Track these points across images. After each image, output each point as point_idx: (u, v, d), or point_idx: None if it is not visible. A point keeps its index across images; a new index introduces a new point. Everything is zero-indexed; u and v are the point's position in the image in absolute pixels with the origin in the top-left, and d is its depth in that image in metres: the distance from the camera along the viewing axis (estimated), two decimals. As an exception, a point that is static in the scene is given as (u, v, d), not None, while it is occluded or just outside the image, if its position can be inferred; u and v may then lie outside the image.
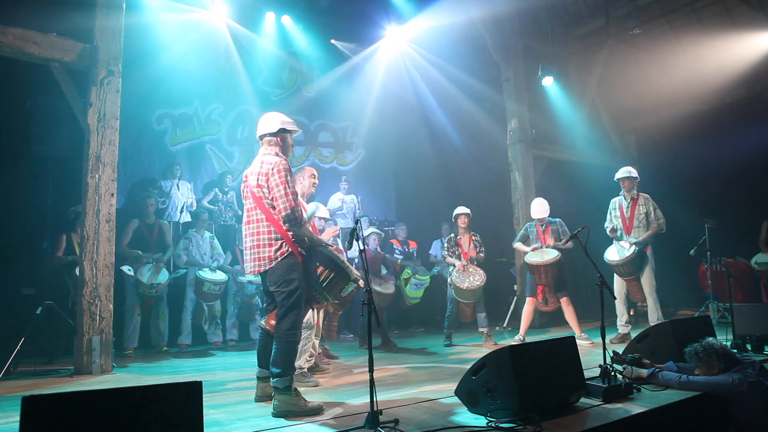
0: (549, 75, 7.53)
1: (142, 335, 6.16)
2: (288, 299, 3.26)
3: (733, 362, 3.38)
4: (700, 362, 3.44)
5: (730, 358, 3.41)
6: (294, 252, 3.29)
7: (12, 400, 3.78)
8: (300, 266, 3.32)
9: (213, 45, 8.08)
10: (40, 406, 1.93)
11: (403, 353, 5.95)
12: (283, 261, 3.26)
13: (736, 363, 3.38)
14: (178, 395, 2.18)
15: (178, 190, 7.44)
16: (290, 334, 3.26)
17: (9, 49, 4.74)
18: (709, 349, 3.41)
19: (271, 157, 3.39)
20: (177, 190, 7.44)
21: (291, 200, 3.24)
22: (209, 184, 8.13)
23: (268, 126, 3.51)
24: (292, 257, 3.28)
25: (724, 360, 3.38)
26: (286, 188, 3.25)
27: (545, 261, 5.83)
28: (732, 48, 7.82)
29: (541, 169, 8.65)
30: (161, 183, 7.48)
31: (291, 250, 3.28)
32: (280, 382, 3.21)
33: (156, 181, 7.58)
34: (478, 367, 3.10)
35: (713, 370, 3.38)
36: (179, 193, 7.45)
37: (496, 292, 7.94)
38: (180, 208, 7.28)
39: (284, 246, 3.28)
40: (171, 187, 7.42)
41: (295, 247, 3.31)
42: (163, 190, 7.38)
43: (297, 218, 3.27)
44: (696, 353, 3.45)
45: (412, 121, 10.15)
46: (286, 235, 3.28)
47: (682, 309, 8.19)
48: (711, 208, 7.90)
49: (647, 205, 6.08)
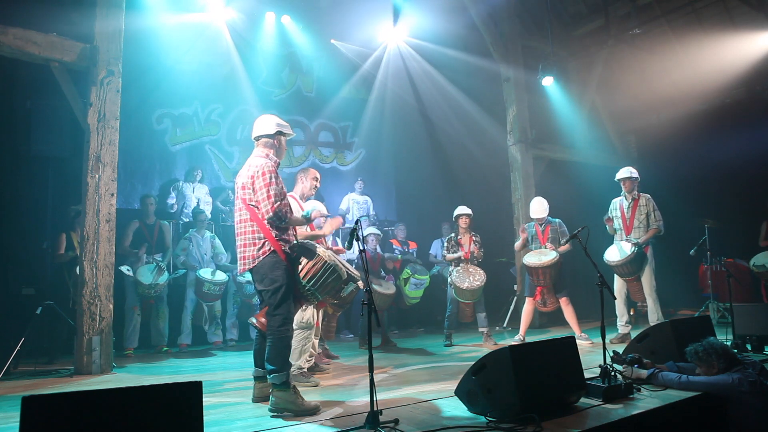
0: (549, 75, 7.52)
1: (142, 335, 6.16)
2: (274, 296, 3.32)
3: (733, 362, 3.38)
4: (700, 362, 3.44)
5: (731, 357, 3.41)
6: (277, 250, 3.34)
7: (12, 400, 3.79)
8: (284, 264, 3.36)
9: (213, 45, 8.08)
10: (40, 406, 1.93)
11: (403, 353, 5.95)
12: (265, 259, 3.32)
13: (736, 363, 3.38)
14: (178, 395, 2.18)
15: (193, 193, 7.61)
16: (281, 330, 3.31)
17: (9, 49, 4.74)
18: (709, 349, 3.41)
19: (259, 159, 3.46)
20: (192, 192, 7.60)
21: (273, 202, 3.30)
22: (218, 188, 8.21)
23: (264, 128, 3.56)
24: (274, 255, 3.34)
25: (724, 360, 3.38)
26: (269, 190, 3.31)
27: (543, 263, 5.82)
28: (732, 48, 7.82)
29: (541, 169, 8.65)
30: (182, 184, 7.64)
31: (273, 249, 3.34)
32: (276, 378, 3.25)
33: (177, 181, 7.76)
34: (478, 367, 3.10)
35: (713, 369, 3.38)
36: (194, 195, 7.60)
37: (496, 292, 7.94)
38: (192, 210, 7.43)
39: (267, 245, 3.34)
40: (186, 188, 7.63)
41: (278, 246, 3.35)
42: (182, 191, 7.56)
43: (281, 217, 3.33)
44: (696, 353, 3.45)
45: (412, 121, 10.15)
46: (269, 234, 3.34)
47: (682, 309, 8.19)
48: (711, 208, 7.89)
49: (648, 206, 6.08)
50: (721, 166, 8.27)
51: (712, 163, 8.35)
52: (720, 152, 8.19)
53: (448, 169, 10.16)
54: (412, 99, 9.92)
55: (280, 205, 3.31)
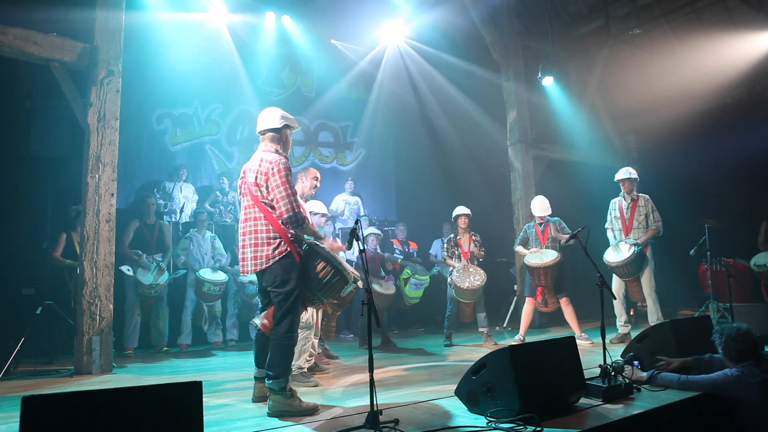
0: (549, 75, 7.52)
1: (142, 335, 6.16)
2: (285, 300, 3.21)
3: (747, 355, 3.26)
4: (720, 342, 3.36)
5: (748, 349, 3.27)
6: (292, 251, 3.25)
7: (12, 400, 3.78)
8: (298, 266, 3.27)
9: (213, 45, 8.09)
10: (40, 406, 1.93)
11: (403, 353, 5.95)
12: (281, 260, 3.21)
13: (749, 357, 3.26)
14: (178, 395, 2.18)
15: (180, 192, 7.55)
16: (287, 337, 3.23)
17: (9, 49, 4.74)
18: (731, 334, 3.30)
19: (270, 154, 3.32)
20: (180, 192, 7.54)
21: (293, 201, 3.19)
22: (208, 187, 8.16)
23: (269, 121, 3.43)
24: (290, 257, 3.24)
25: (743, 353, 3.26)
26: (287, 189, 3.19)
27: (544, 263, 5.82)
28: (732, 48, 7.81)
29: (541, 169, 8.65)
30: (165, 184, 7.57)
31: (289, 250, 3.23)
32: (275, 384, 3.20)
33: (161, 182, 7.68)
34: (478, 367, 3.10)
35: (730, 354, 3.32)
36: (181, 195, 7.54)
37: (496, 292, 7.94)
38: (181, 209, 7.35)
39: (282, 245, 3.22)
40: (173, 188, 7.54)
41: (294, 247, 3.26)
42: (166, 191, 7.47)
43: (299, 220, 3.21)
44: (721, 334, 3.37)
45: (412, 120, 10.15)
46: (284, 235, 3.23)
47: (682, 309, 8.19)
48: (711, 208, 7.89)
49: (647, 206, 6.07)
50: (721, 166, 8.26)
51: (712, 163, 8.34)
52: (720, 152, 8.18)
53: (448, 169, 10.16)
54: (412, 99, 9.92)
55: (299, 210, 3.19)
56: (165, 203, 7.42)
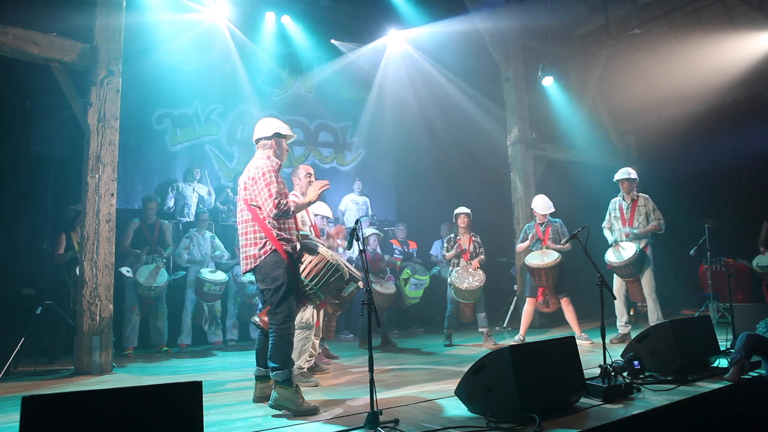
0: (549, 75, 7.52)
1: (142, 335, 6.17)
2: (275, 295, 3.33)
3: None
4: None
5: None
6: (278, 249, 3.37)
7: (12, 400, 3.79)
8: (285, 263, 3.38)
9: (213, 45, 8.08)
10: (40, 406, 1.93)
11: (403, 353, 5.95)
12: (267, 258, 3.35)
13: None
14: (178, 395, 2.18)
15: (194, 192, 7.60)
16: (283, 327, 3.33)
17: (9, 49, 4.74)
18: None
19: (259, 161, 3.51)
20: (193, 192, 7.59)
21: (275, 198, 3.33)
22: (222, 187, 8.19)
23: (263, 131, 3.63)
24: (276, 254, 3.36)
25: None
26: (269, 189, 3.35)
27: (546, 264, 5.82)
28: (732, 48, 7.81)
29: (541, 169, 8.65)
30: (179, 184, 7.63)
31: (275, 248, 3.36)
32: (279, 375, 3.27)
33: (175, 182, 7.74)
34: (478, 367, 3.10)
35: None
36: (194, 195, 7.59)
37: (496, 292, 7.93)
38: (193, 209, 7.42)
39: (268, 244, 3.37)
40: (186, 189, 7.61)
41: (279, 245, 3.38)
42: (180, 191, 7.55)
43: (285, 211, 3.36)
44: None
45: (412, 121, 10.14)
46: (270, 234, 3.37)
47: (682, 309, 8.19)
48: (711, 208, 7.89)
49: (647, 206, 6.07)
50: (721, 166, 8.25)
51: (712, 163, 8.33)
52: (720, 152, 8.18)
53: (448, 169, 10.16)
54: (412, 99, 9.91)
55: (281, 200, 3.35)
56: (179, 203, 7.50)
